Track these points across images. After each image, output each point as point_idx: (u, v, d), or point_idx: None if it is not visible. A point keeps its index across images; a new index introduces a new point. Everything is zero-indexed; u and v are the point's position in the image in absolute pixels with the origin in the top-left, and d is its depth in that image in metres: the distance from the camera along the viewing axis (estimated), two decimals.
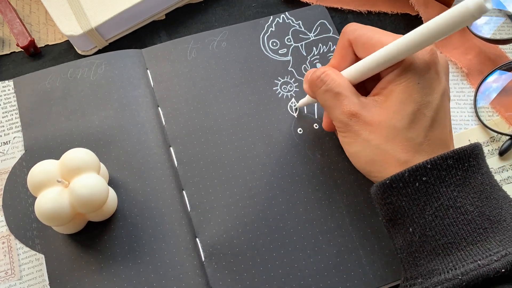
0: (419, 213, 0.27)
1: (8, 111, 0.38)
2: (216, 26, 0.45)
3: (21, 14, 0.44)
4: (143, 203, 0.34)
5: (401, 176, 0.27)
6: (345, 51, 0.32)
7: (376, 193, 0.29)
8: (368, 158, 0.29)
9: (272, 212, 0.35)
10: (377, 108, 0.29)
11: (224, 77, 0.40)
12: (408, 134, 0.28)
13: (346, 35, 0.32)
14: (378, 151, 0.29)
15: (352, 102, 0.30)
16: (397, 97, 0.28)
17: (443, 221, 0.26)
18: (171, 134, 0.37)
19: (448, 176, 0.27)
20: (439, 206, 0.26)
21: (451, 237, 0.26)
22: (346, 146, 0.31)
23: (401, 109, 0.28)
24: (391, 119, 0.28)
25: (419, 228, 0.27)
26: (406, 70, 0.28)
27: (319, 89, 0.31)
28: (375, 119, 0.29)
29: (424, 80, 0.28)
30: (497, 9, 0.45)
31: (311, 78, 0.32)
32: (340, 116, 0.30)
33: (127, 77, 0.39)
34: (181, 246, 0.33)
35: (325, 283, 0.32)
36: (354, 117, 0.29)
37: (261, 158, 0.37)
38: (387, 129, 0.28)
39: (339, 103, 0.30)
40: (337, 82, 0.30)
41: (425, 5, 0.44)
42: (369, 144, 0.29)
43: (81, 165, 0.31)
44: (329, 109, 0.31)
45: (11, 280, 0.32)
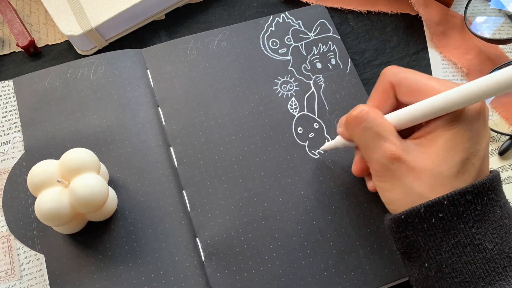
0: (436, 249, 0.26)
1: (8, 111, 0.38)
2: (216, 26, 0.45)
3: (21, 14, 0.44)
4: (143, 203, 0.34)
5: (417, 212, 0.26)
6: (386, 95, 0.30)
7: (390, 226, 0.28)
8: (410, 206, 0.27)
9: (272, 212, 0.35)
10: (420, 154, 0.27)
11: (224, 77, 0.40)
12: (456, 183, 0.26)
13: (388, 77, 0.30)
14: (422, 200, 0.26)
15: (394, 145, 0.27)
16: (445, 144, 0.27)
17: (460, 259, 0.25)
18: (171, 134, 0.37)
19: (466, 212, 0.25)
20: (456, 243, 0.25)
21: (468, 276, 0.25)
22: (385, 193, 0.29)
23: (450, 157, 0.26)
24: (438, 166, 0.26)
25: (435, 264, 0.26)
26: (457, 117, 0.27)
27: (359, 126, 0.29)
28: (419, 165, 0.27)
29: (473, 129, 0.27)
30: (497, 9, 0.45)
31: (349, 116, 0.29)
32: (381, 159, 0.28)
33: (127, 77, 0.39)
34: (181, 246, 0.33)
35: (325, 283, 0.32)
36: (397, 161, 0.27)
37: (261, 158, 0.37)
38: (434, 178, 0.26)
39: (380, 144, 0.28)
40: (379, 121, 0.28)
41: (425, 5, 0.44)
42: (411, 192, 0.27)
43: (81, 165, 0.31)
44: (368, 150, 0.29)
45: (11, 280, 0.32)
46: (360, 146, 0.30)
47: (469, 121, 0.27)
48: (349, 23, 0.45)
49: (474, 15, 0.45)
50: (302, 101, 0.39)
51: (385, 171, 0.28)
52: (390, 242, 0.34)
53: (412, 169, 0.27)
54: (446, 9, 0.45)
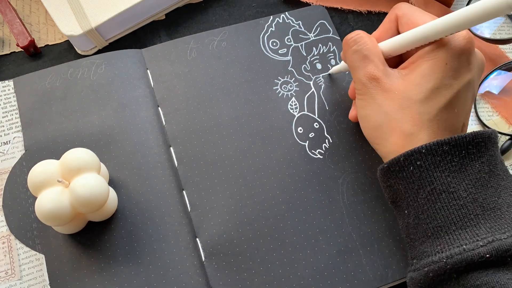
0: (413, 197, 0.28)
1: (8, 111, 0.38)
2: (216, 26, 0.45)
3: (21, 14, 0.44)
4: (143, 203, 0.34)
5: (397, 160, 0.28)
6: (390, 25, 0.33)
7: (379, 176, 0.30)
8: (377, 124, 0.30)
9: (272, 212, 0.35)
10: (399, 79, 0.30)
11: (224, 77, 0.40)
12: (421, 108, 0.28)
13: (395, 10, 0.32)
14: (387, 118, 0.29)
15: (376, 67, 0.30)
16: (421, 71, 0.29)
17: (434, 205, 0.27)
18: (171, 134, 0.37)
19: (443, 161, 0.27)
20: (432, 190, 0.27)
21: (441, 221, 0.26)
22: (360, 109, 0.32)
23: (422, 83, 0.29)
24: (409, 90, 0.29)
25: (414, 211, 0.28)
26: (438, 48, 0.29)
27: (350, 48, 0.32)
28: (393, 88, 0.30)
29: (452, 63, 0.29)
30: None
31: (345, 38, 0.33)
32: (362, 77, 0.31)
33: (127, 77, 0.39)
34: (181, 246, 0.33)
35: (325, 283, 0.32)
36: (374, 81, 0.30)
37: (261, 158, 0.37)
38: (402, 99, 0.29)
39: (364, 65, 0.31)
40: (368, 46, 0.31)
41: (425, 5, 0.44)
42: (381, 110, 0.30)
43: (81, 165, 0.31)
44: (354, 70, 0.32)
45: (11, 280, 0.32)
46: (349, 65, 0.33)
47: (449, 55, 0.29)
48: (349, 23, 0.45)
49: None
50: (302, 101, 0.39)
51: (363, 89, 0.31)
52: (390, 242, 0.34)
53: (386, 90, 0.30)
54: (446, 9, 0.45)
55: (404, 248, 0.34)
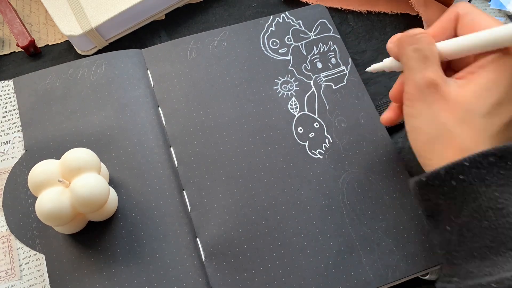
0: (456, 213, 0.25)
1: (8, 111, 0.38)
2: (216, 26, 0.45)
3: (21, 14, 0.44)
4: (143, 203, 0.34)
5: (437, 174, 0.26)
6: (448, 24, 0.30)
7: (414, 188, 0.28)
8: (430, 136, 0.27)
9: (272, 212, 0.35)
10: (458, 88, 0.27)
11: (224, 77, 0.40)
12: (483, 123, 0.26)
13: (457, 8, 0.30)
14: (444, 131, 0.27)
15: (436, 72, 0.28)
16: (484, 83, 0.26)
17: (481, 223, 0.24)
18: (171, 134, 0.37)
19: (489, 174, 0.25)
20: (477, 207, 0.25)
21: (489, 241, 0.24)
22: (410, 119, 0.29)
23: (485, 95, 0.26)
24: (471, 102, 0.26)
25: (457, 228, 0.26)
26: (502, 59, 0.26)
27: (409, 46, 0.29)
28: (453, 97, 0.27)
29: None
30: (497, 9, 0.45)
31: (403, 34, 0.30)
32: (420, 80, 0.28)
33: (127, 77, 0.39)
34: (181, 246, 0.33)
35: (325, 283, 0.32)
36: (433, 87, 0.27)
37: (261, 158, 0.37)
38: (463, 111, 0.26)
39: (424, 66, 0.28)
40: (430, 47, 0.28)
41: (425, 5, 0.44)
42: (437, 121, 0.27)
43: (82, 165, 0.31)
44: (411, 70, 0.29)
45: (11, 280, 0.33)
46: (404, 64, 0.29)
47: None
48: (349, 23, 0.45)
49: None
50: (303, 101, 0.39)
51: (419, 94, 0.28)
52: (390, 242, 0.34)
53: (444, 98, 0.27)
54: (446, 9, 0.45)
55: (404, 248, 0.34)
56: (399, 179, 0.36)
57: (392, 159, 0.37)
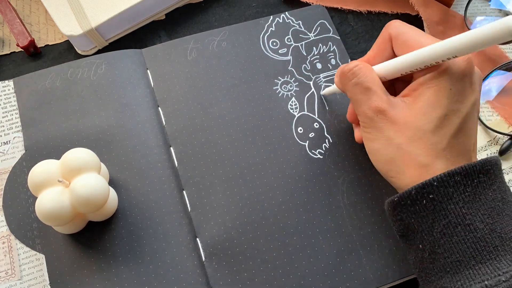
0: (428, 230, 0.27)
1: (8, 111, 0.38)
2: (216, 26, 0.45)
3: (21, 14, 0.44)
4: (143, 203, 0.34)
5: (409, 194, 0.27)
6: (384, 46, 0.32)
7: (387, 209, 0.29)
8: (388, 157, 0.29)
9: (272, 212, 0.35)
10: (404, 109, 0.29)
11: (224, 77, 0.40)
12: (433, 138, 0.28)
13: (389, 29, 0.31)
14: (399, 151, 0.28)
15: (380, 99, 0.29)
16: (426, 100, 0.28)
17: (451, 239, 0.26)
18: (171, 134, 0.37)
19: (456, 193, 0.26)
20: (447, 224, 0.26)
21: (459, 255, 0.25)
22: (368, 142, 0.31)
23: (429, 112, 0.28)
24: (418, 120, 0.28)
25: (429, 245, 0.27)
26: (440, 74, 0.28)
27: (349, 81, 0.31)
28: (401, 119, 0.29)
29: (456, 87, 0.28)
30: (497, 9, 0.45)
31: (342, 70, 0.31)
32: (367, 111, 0.30)
33: (127, 77, 0.39)
34: (181, 246, 0.33)
35: (325, 283, 0.32)
36: (381, 114, 0.29)
37: (261, 158, 0.37)
38: (412, 130, 0.28)
39: (367, 98, 0.30)
40: (368, 77, 0.30)
41: (425, 5, 0.44)
42: (391, 143, 0.29)
43: (82, 165, 0.31)
44: (357, 103, 0.31)
45: (11, 280, 0.33)
46: (351, 98, 0.32)
47: (452, 80, 0.28)
48: (349, 23, 0.45)
49: (474, 15, 0.45)
50: (302, 101, 0.39)
51: (370, 122, 0.30)
52: (390, 242, 0.34)
53: (393, 122, 0.29)
54: (446, 9, 0.45)
55: (404, 248, 0.34)
56: None
57: None
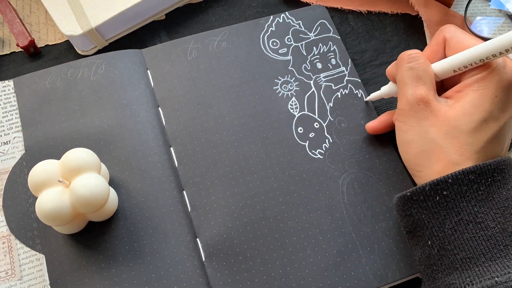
0: (438, 227, 0.27)
1: (8, 111, 0.38)
2: (216, 26, 0.45)
3: (21, 14, 0.44)
4: (143, 203, 0.34)
5: (422, 189, 0.27)
6: (438, 47, 0.32)
7: (397, 204, 0.29)
8: (420, 149, 0.29)
9: (272, 212, 0.35)
10: (447, 106, 0.29)
11: (224, 77, 0.40)
12: (469, 139, 0.28)
13: (443, 32, 0.32)
14: (433, 145, 0.29)
15: (428, 90, 0.30)
16: (470, 101, 0.28)
17: (462, 236, 0.26)
18: (171, 134, 0.37)
19: (469, 191, 0.26)
20: (459, 221, 0.26)
21: (469, 252, 0.26)
22: (401, 133, 0.31)
23: (471, 113, 0.28)
24: (458, 119, 0.28)
25: (438, 242, 0.27)
26: (487, 78, 0.28)
27: (405, 64, 0.31)
28: (442, 113, 0.29)
29: (502, 95, 0.28)
30: (497, 9, 0.45)
31: (402, 55, 0.32)
32: (411, 96, 0.30)
33: (127, 77, 0.39)
34: (181, 246, 0.33)
35: (325, 283, 0.32)
36: (423, 103, 0.29)
37: (261, 158, 0.37)
38: (451, 127, 0.28)
39: (416, 84, 0.30)
40: (424, 66, 0.30)
41: (425, 5, 0.44)
42: (426, 135, 0.29)
43: (82, 165, 0.31)
44: (404, 86, 0.31)
45: (11, 280, 0.33)
46: (399, 81, 0.31)
47: (499, 87, 0.28)
48: (349, 23, 0.45)
49: (474, 15, 0.45)
50: (303, 101, 0.39)
51: (410, 110, 0.30)
52: (390, 242, 0.34)
53: (434, 115, 0.29)
54: (446, 9, 0.45)
55: (404, 248, 0.34)
56: (399, 179, 0.36)
57: (392, 159, 0.37)
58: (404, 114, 0.30)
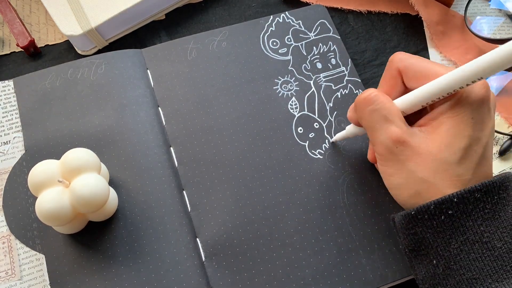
0: (444, 246, 0.26)
1: (8, 111, 0.38)
2: (216, 26, 0.45)
3: (21, 14, 0.44)
4: (143, 203, 0.34)
5: (427, 208, 0.26)
6: (394, 81, 0.31)
7: (400, 222, 0.28)
8: (413, 191, 0.28)
9: (272, 212, 0.35)
10: (424, 139, 0.28)
11: (224, 77, 0.40)
12: (459, 169, 0.27)
13: (395, 63, 0.30)
14: (425, 185, 0.27)
15: (401, 129, 0.28)
16: (449, 130, 0.27)
17: (468, 256, 0.26)
18: (171, 134, 0.37)
19: (475, 210, 0.26)
20: (465, 241, 0.26)
21: (476, 273, 0.25)
22: (388, 177, 0.29)
23: (453, 143, 0.27)
24: (442, 152, 0.27)
25: (443, 261, 0.26)
26: (460, 103, 0.27)
27: (366, 108, 0.29)
28: (423, 150, 0.27)
29: (477, 116, 0.27)
30: (497, 9, 0.45)
31: (359, 97, 0.30)
32: (386, 141, 0.28)
33: (127, 77, 0.39)
34: (181, 246, 0.33)
35: (325, 283, 0.32)
36: (401, 145, 0.28)
37: (261, 158, 0.37)
38: (437, 162, 0.27)
39: (386, 126, 0.28)
40: (387, 105, 0.29)
41: (425, 5, 0.44)
42: (414, 176, 0.27)
43: (82, 165, 0.31)
44: (374, 132, 0.29)
45: (11, 280, 0.33)
46: (367, 128, 0.30)
47: (473, 108, 0.27)
48: (349, 23, 0.45)
49: (474, 15, 0.45)
50: (303, 101, 0.39)
51: (389, 154, 0.28)
52: (390, 242, 0.34)
53: (416, 153, 0.27)
54: (446, 9, 0.45)
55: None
56: None
57: None
58: (384, 159, 0.29)
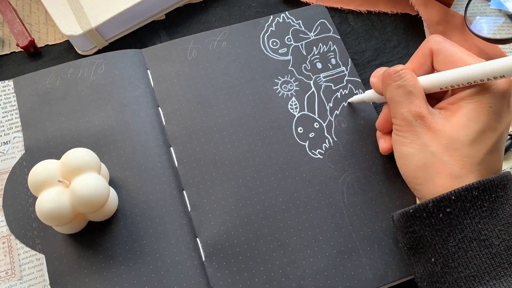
0: (442, 244, 0.27)
1: (8, 111, 0.38)
2: (216, 26, 0.45)
3: (21, 14, 0.44)
4: (143, 203, 0.34)
5: (425, 206, 0.27)
6: (424, 59, 0.32)
7: (398, 220, 0.29)
8: (421, 163, 0.29)
9: (272, 212, 0.35)
10: (442, 119, 0.29)
11: (224, 77, 0.40)
12: (470, 151, 0.28)
13: (429, 44, 0.31)
14: (434, 159, 0.28)
15: (422, 104, 0.30)
16: (466, 114, 0.28)
17: (466, 253, 0.26)
18: (171, 134, 0.37)
19: (473, 207, 0.26)
20: (463, 238, 0.26)
21: (473, 270, 0.25)
22: (401, 146, 0.31)
23: (469, 125, 0.28)
24: (456, 132, 0.28)
25: (442, 259, 0.27)
26: (482, 91, 0.28)
27: (393, 83, 0.31)
28: (439, 127, 0.29)
29: (496, 105, 0.28)
30: (497, 9, 0.45)
31: (386, 72, 0.31)
32: (406, 114, 0.30)
33: (127, 77, 0.39)
34: (181, 246, 0.33)
35: (325, 283, 0.32)
36: (420, 119, 0.29)
37: (261, 158, 0.37)
38: (450, 140, 0.28)
39: (409, 101, 0.30)
40: (412, 82, 0.30)
41: (425, 5, 0.44)
42: (426, 149, 0.29)
43: (82, 165, 0.31)
44: (397, 104, 0.30)
45: (11, 280, 0.33)
46: (390, 99, 0.31)
47: (493, 98, 0.28)
48: (349, 23, 0.45)
49: (474, 15, 0.45)
50: (303, 101, 0.39)
51: (408, 126, 0.30)
52: (390, 242, 0.34)
53: (432, 129, 0.29)
54: (446, 9, 0.45)
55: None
56: (399, 179, 0.36)
57: (392, 159, 0.37)
58: (401, 129, 0.30)
